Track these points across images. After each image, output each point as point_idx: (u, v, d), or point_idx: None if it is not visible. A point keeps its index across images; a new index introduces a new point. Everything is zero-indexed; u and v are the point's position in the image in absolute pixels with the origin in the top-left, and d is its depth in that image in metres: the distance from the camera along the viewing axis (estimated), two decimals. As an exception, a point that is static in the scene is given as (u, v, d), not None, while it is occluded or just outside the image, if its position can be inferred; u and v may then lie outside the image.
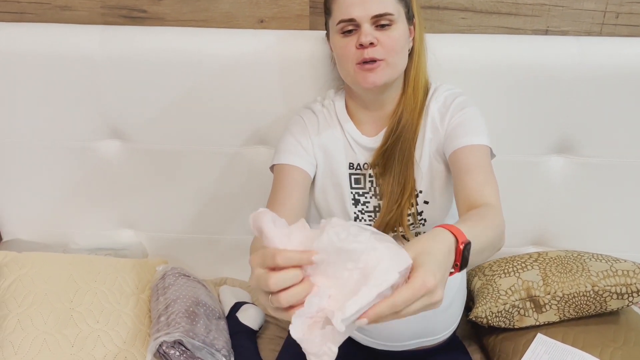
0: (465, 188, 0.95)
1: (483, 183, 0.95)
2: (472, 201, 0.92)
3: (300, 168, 1.06)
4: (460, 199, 0.96)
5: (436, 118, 1.07)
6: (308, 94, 1.27)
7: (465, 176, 0.96)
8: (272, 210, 0.99)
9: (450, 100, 1.07)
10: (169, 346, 1.12)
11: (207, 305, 1.26)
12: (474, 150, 1.00)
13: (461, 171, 0.98)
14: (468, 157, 0.99)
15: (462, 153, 1.00)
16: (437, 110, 1.07)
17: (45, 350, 1.09)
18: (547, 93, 1.26)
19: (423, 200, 1.08)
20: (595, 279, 1.15)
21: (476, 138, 1.01)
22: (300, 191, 1.05)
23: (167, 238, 1.50)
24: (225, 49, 1.28)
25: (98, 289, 1.22)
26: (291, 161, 1.07)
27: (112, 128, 1.37)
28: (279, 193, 1.04)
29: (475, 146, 1.00)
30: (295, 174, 1.06)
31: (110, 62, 1.28)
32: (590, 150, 1.32)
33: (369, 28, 0.99)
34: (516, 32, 1.33)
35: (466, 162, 0.98)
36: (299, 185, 1.05)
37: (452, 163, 1.01)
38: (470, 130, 1.02)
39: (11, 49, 1.29)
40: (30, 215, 1.49)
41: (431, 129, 1.07)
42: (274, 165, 1.09)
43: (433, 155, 1.07)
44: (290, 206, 1.01)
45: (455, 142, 1.02)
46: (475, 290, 1.28)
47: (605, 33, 1.33)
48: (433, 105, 1.07)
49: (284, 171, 1.06)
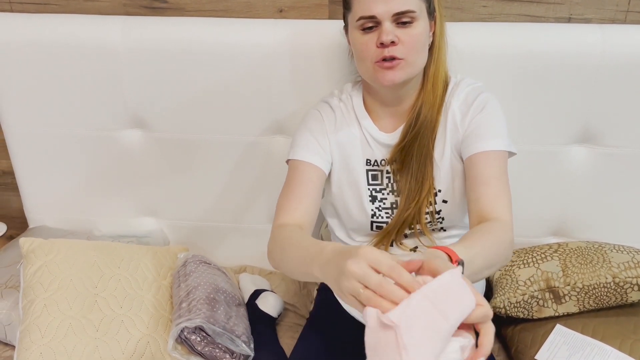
0: (478, 200, 0.95)
1: (496, 196, 0.95)
2: (483, 215, 0.93)
3: (315, 165, 1.06)
4: (472, 210, 0.96)
5: (457, 116, 1.05)
6: (326, 84, 1.27)
7: (479, 187, 0.96)
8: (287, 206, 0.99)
9: (472, 98, 1.05)
10: (190, 332, 1.14)
11: (227, 292, 1.28)
12: (490, 158, 0.99)
13: (476, 180, 0.98)
14: (484, 166, 0.98)
15: (479, 160, 0.99)
16: (458, 108, 1.06)
17: (70, 334, 1.12)
18: (569, 82, 1.24)
19: (442, 199, 1.08)
20: (617, 270, 1.14)
21: (494, 142, 1.00)
22: (315, 189, 1.04)
23: (187, 226, 1.53)
24: (245, 39, 1.28)
25: (121, 275, 1.25)
26: (307, 158, 1.06)
27: (134, 118, 1.39)
28: (293, 189, 1.04)
29: (492, 152, 0.99)
30: (311, 171, 1.05)
31: (132, 52, 1.30)
32: (613, 140, 1.30)
33: (390, 26, 0.97)
34: (538, 20, 1.32)
35: (482, 172, 0.98)
36: (313, 182, 1.05)
37: (468, 169, 1.01)
38: (489, 133, 1.01)
39: (36, 39, 1.32)
40: (55, 203, 1.52)
41: (452, 127, 1.06)
42: (290, 159, 1.09)
43: (453, 154, 1.06)
44: (306, 203, 1.01)
45: (472, 147, 1.01)
46: (494, 281, 1.28)
47: (630, 21, 1.30)
48: (454, 103, 1.06)
49: (300, 167, 1.06)
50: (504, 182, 0.98)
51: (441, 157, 1.06)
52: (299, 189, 1.03)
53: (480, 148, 1.00)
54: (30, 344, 1.10)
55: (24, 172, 1.49)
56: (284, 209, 1.01)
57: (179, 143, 1.41)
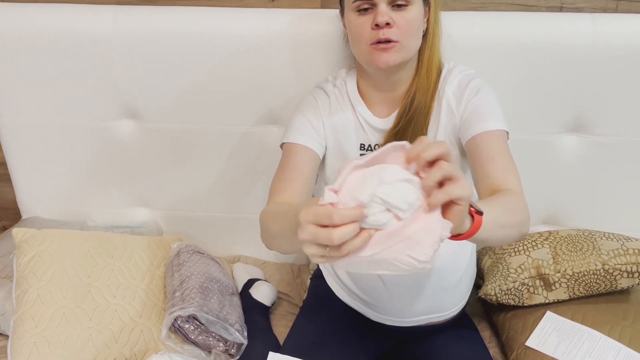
0: (487, 176, 0.94)
1: (505, 170, 0.94)
2: (494, 189, 0.91)
3: (309, 148, 1.07)
4: (482, 187, 0.95)
5: (452, 102, 1.06)
6: (320, 73, 1.27)
7: (486, 163, 0.95)
8: (279, 187, 0.98)
9: (465, 83, 1.06)
10: (184, 320, 1.15)
11: (221, 282, 1.29)
12: (492, 136, 0.99)
13: (482, 158, 0.96)
14: (488, 144, 0.98)
15: (481, 140, 0.99)
16: (453, 93, 1.06)
17: (64, 323, 1.13)
18: (561, 71, 1.25)
19: None
20: (606, 257, 1.15)
21: (493, 123, 1.00)
22: (308, 171, 1.05)
23: (181, 216, 1.53)
24: (237, 29, 1.28)
25: (115, 265, 1.25)
26: (301, 141, 1.07)
27: (127, 108, 1.39)
28: (287, 171, 1.04)
29: (493, 132, 0.99)
30: (305, 153, 1.06)
31: (124, 41, 1.30)
32: (604, 129, 1.31)
33: (385, 8, 0.97)
34: (530, 9, 1.32)
35: (486, 149, 0.97)
36: (307, 165, 1.06)
37: (471, 150, 1.00)
38: (487, 115, 1.01)
39: (26, 29, 1.31)
40: (48, 193, 1.52)
41: (446, 113, 1.06)
42: (284, 143, 1.09)
43: (447, 140, 1.06)
44: (297, 184, 1.02)
45: (472, 129, 1.00)
46: (485, 269, 1.29)
47: (621, 10, 1.30)
48: (448, 89, 1.06)
49: (294, 150, 1.07)
50: (509, 158, 0.97)
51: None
52: (291, 172, 1.04)
53: (481, 129, 0.99)
54: (24, 334, 1.10)
55: (16, 163, 1.49)
56: (275, 191, 1.02)
57: (172, 133, 1.41)
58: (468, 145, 1.01)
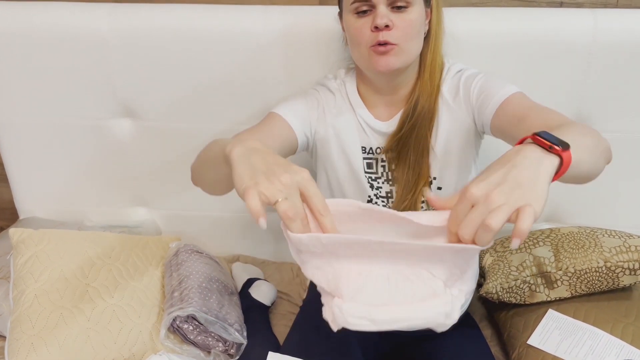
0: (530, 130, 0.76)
1: (546, 116, 0.85)
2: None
3: (291, 127, 1.03)
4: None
5: (448, 99, 1.04)
6: (317, 71, 1.26)
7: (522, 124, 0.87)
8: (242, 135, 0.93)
9: (457, 78, 1.05)
10: (183, 320, 1.14)
11: (220, 281, 1.28)
12: (512, 101, 0.94)
13: (514, 124, 0.89)
14: (513, 109, 0.92)
15: (502, 111, 0.94)
16: (447, 91, 1.05)
17: (62, 324, 1.12)
18: (561, 67, 1.24)
19: (436, 187, 1.07)
20: (608, 254, 1.14)
21: (504, 91, 0.96)
22: (280, 144, 1.00)
23: (179, 215, 1.52)
24: (235, 26, 1.27)
25: (113, 265, 1.24)
26: (288, 117, 1.04)
27: (124, 107, 1.38)
28: (254, 131, 0.99)
29: (509, 97, 0.95)
30: (284, 127, 1.02)
31: (120, 39, 1.29)
32: (605, 124, 1.30)
33: (384, 9, 0.95)
34: (530, 5, 1.31)
35: (518, 109, 0.91)
36: (282, 138, 1.01)
37: (500, 126, 0.94)
38: (494, 89, 0.98)
39: (22, 27, 1.30)
40: (45, 193, 1.51)
41: (446, 111, 1.05)
42: (271, 111, 1.05)
43: (448, 138, 1.05)
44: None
45: (489, 108, 0.96)
46: (486, 267, 1.28)
47: (622, 5, 1.30)
48: (444, 88, 1.05)
49: (275, 119, 1.03)
50: (542, 107, 0.90)
51: (436, 143, 1.05)
52: (260, 133, 0.99)
53: (497, 102, 0.95)
54: (21, 335, 1.09)
55: (13, 162, 1.48)
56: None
57: (169, 132, 1.40)
58: (494, 124, 0.96)
